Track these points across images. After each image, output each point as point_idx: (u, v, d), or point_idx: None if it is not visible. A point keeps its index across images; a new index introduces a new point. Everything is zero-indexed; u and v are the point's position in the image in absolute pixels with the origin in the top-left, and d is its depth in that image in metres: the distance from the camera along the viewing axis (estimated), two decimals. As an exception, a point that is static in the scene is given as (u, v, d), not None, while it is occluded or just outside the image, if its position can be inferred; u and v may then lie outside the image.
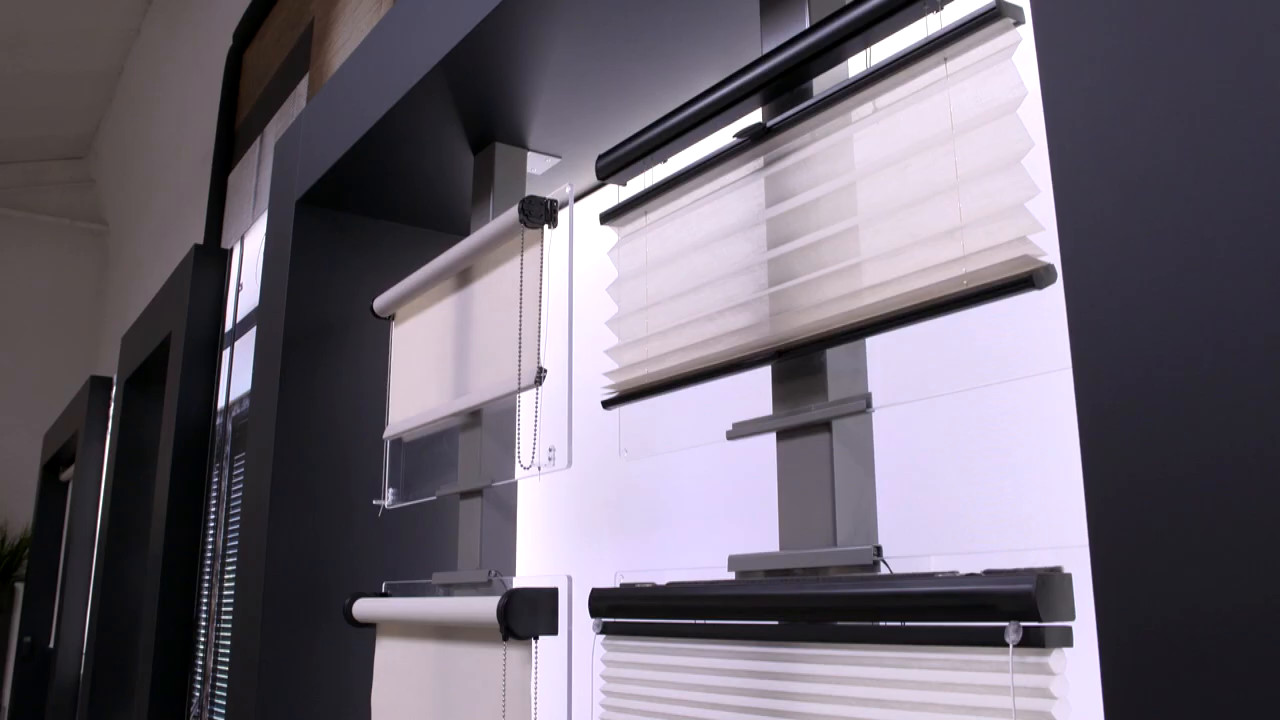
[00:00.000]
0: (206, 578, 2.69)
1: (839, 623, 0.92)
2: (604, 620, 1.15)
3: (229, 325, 2.92)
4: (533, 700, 1.25)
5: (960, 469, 1.10)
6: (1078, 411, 0.71)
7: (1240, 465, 0.62)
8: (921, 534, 1.09)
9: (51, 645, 4.93)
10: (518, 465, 1.40)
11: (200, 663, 2.63)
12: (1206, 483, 0.63)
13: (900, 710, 0.86)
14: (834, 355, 1.04)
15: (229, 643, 2.00)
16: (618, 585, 1.14)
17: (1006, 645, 0.79)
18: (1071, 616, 0.80)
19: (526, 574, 1.44)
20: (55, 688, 4.65)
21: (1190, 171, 0.66)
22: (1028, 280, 0.85)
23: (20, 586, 7.15)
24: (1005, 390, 1.07)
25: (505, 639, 1.25)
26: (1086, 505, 0.69)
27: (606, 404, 1.23)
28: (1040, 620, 0.78)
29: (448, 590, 1.53)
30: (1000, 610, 0.79)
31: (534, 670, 1.26)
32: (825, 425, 1.01)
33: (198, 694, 2.61)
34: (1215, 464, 0.63)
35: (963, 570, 0.85)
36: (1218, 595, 0.62)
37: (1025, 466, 1.04)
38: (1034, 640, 0.78)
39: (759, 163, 1.13)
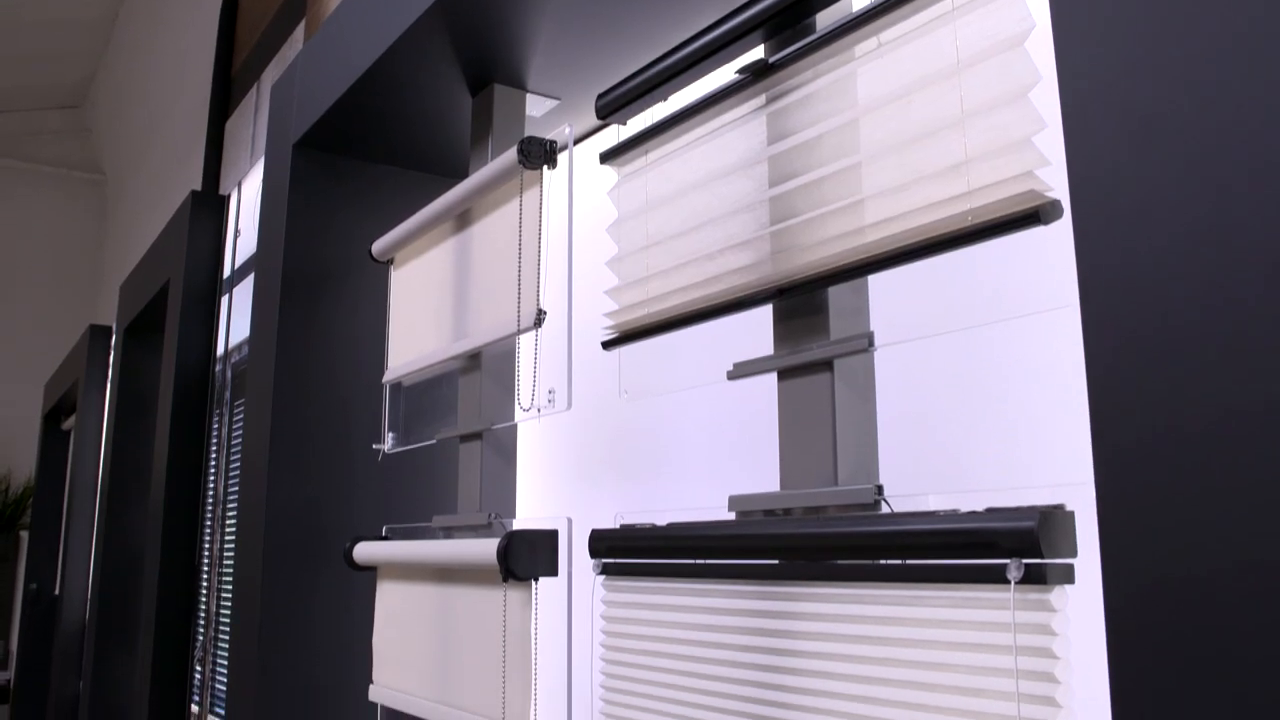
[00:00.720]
0: (208, 523, 2.70)
1: (839, 561, 0.92)
2: (604, 561, 1.15)
3: (227, 272, 2.90)
4: (533, 641, 1.25)
5: (963, 409, 1.10)
6: (1085, 350, 0.70)
7: (1253, 406, 0.61)
8: (923, 474, 1.09)
9: (57, 592, 4.97)
10: (517, 408, 1.40)
11: (203, 607, 2.65)
12: (1217, 425, 0.63)
13: (900, 648, 0.86)
14: (836, 294, 1.03)
15: (231, 587, 2.01)
16: (617, 526, 1.14)
17: (1008, 582, 0.79)
18: (1073, 553, 0.80)
19: (527, 516, 1.44)
20: (61, 633, 4.69)
21: (1205, 104, 0.65)
22: (1034, 216, 0.83)
23: (25, 535, 7.20)
24: (1009, 330, 1.07)
25: (505, 580, 1.25)
26: (1093, 446, 0.69)
27: (606, 345, 1.22)
28: (1042, 557, 0.77)
29: (448, 533, 1.53)
30: (1002, 547, 0.79)
31: (534, 611, 1.26)
32: (827, 364, 1.00)
33: (201, 637, 2.63)
34: (1227, 406, 0.62)
35: (964, 509, 0.85)
36: (1226, 541, 0.61)
37: (1028, 407, 1.04)
38: (1035, 577, 0.78)
39: (760, 100, 1.11)
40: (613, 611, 1.14)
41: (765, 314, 1.10)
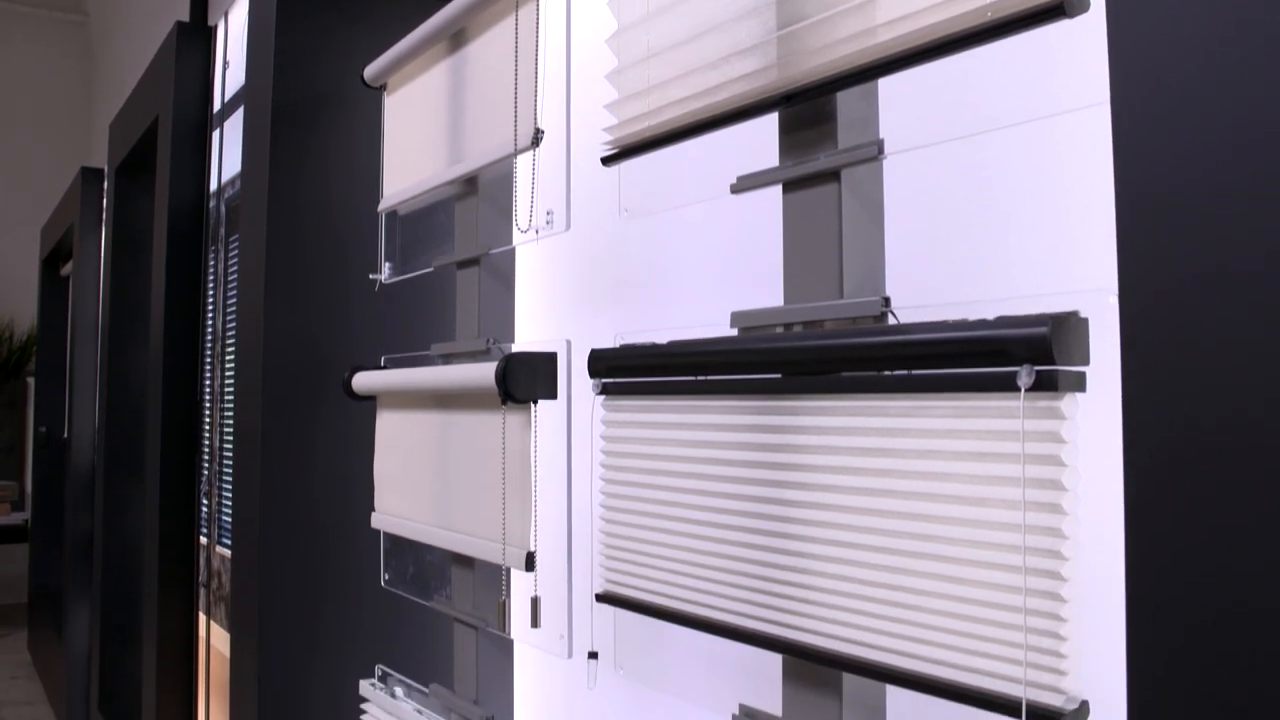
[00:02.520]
0: (208, 360, 2.70)
1: (843, 374, 0.90)
2: (603, 381, 1.13)
3: (217, 105, 2.82)
4: (532, 464, 1.25)
5: (976, 223, 1.06)
6: (1115, 151, 0.66)
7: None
8: (934, 289, 1.06)
9: (65, 435, 5.03)
10: (515, 230, 1.36)
11: (207, 442, 2.66)
12: (1248, 223, 0.59)
13: (905, 459, 0.84)
14: (845, 102, 0.98)
15: (232, 422, 2.01)
16: (617, 346, 1.12)
17: (1017, 390, 0.77)
18: (1086, 361, 0.77)
19: (526, 341, 1.42)
20: (72, 474, 4.76)
21: None
22: (1058, 8, 0.78)
23: (31, 381, 7.26)
24: (1025, 141, 1.02)
25: (504, 403, 1.24)
26: (1118, 249, 0.65)
27: (606, 160, 1.18)
28: (1054, 364, 0.75)
29: (446, 360, 1.51)
30: (1012, 354, 0.77)
31: (533, 434, 1.25)
32: (834, 175, 0.96)
33: (206, 472, 2.66)
34: (1263, 202, 0.59)
35: (975, 320, 0.82)
36: (1254, 351, 0.59)
37: (1044, 220, 1.00)
38: (1046, 384, 0.76)
39: (770, -108, 1.04)
40: (612, 431, 1.13)
41: (771, 133, 1.05)
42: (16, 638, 6.61)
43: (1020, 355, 0.76)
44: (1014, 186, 1.04)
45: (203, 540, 2.67)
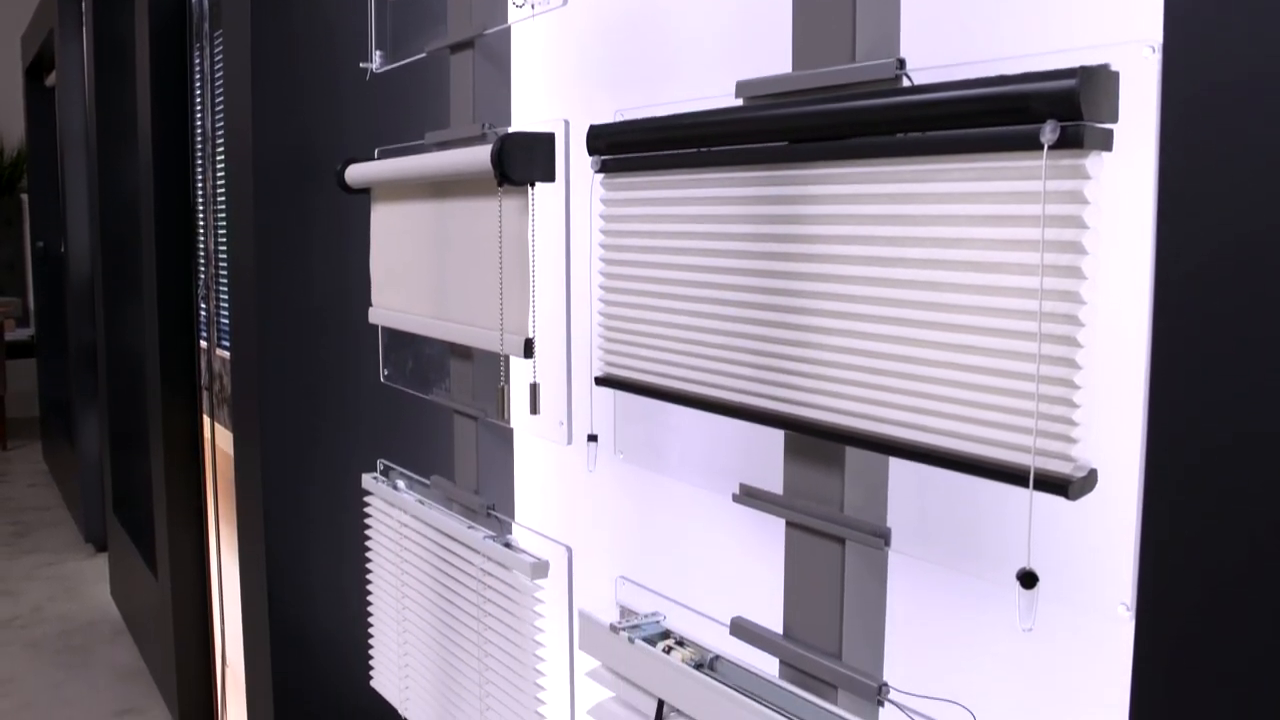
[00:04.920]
0: (199, 162, 2.63)
1: (853, 139, 0.85)
2: (602, 158, 1.08)
3: (193, -109, 2.66)
4: (530, 249, 1.21)
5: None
6: None
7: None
8: (952, 47, 0.99)
9: (63, 249, 4.99)
10: (510, 7, 1.29)
11: (202, 245, 2.63)
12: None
13: (917, 225, 0.81)
14: None
15: (226, 223, 1.97)
16: (617, 121, 1.06)
17: (1040, 148, 0.72)
18: (1114, 118, 0.73)
19: (523, 124, 1.36)
20: (72, 287, 4.75)
21: None
22: None
23: (26, 197, 7.17)
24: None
25: (500, 186, 1.19)
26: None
27: (604, -79, 1.10)
28: (1081, 119, 0.70)
29: (441, 147, 1.46)
30: (1036, 110, 0.72)
31: (531, 219, 1.21)
32: (851, -75, 0.89)
33: (202, 275, 2.63)
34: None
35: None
36: None
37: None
38: (1071, 140, 0.71)
39: None
40: (612, 210, 1.09)
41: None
42: (32, 448, 6.75)
43: (1044, 110, 0.72)
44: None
45: (203, 344, 2.67)
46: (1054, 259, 0.73)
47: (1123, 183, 0.77)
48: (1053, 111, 0.71)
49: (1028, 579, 0.74)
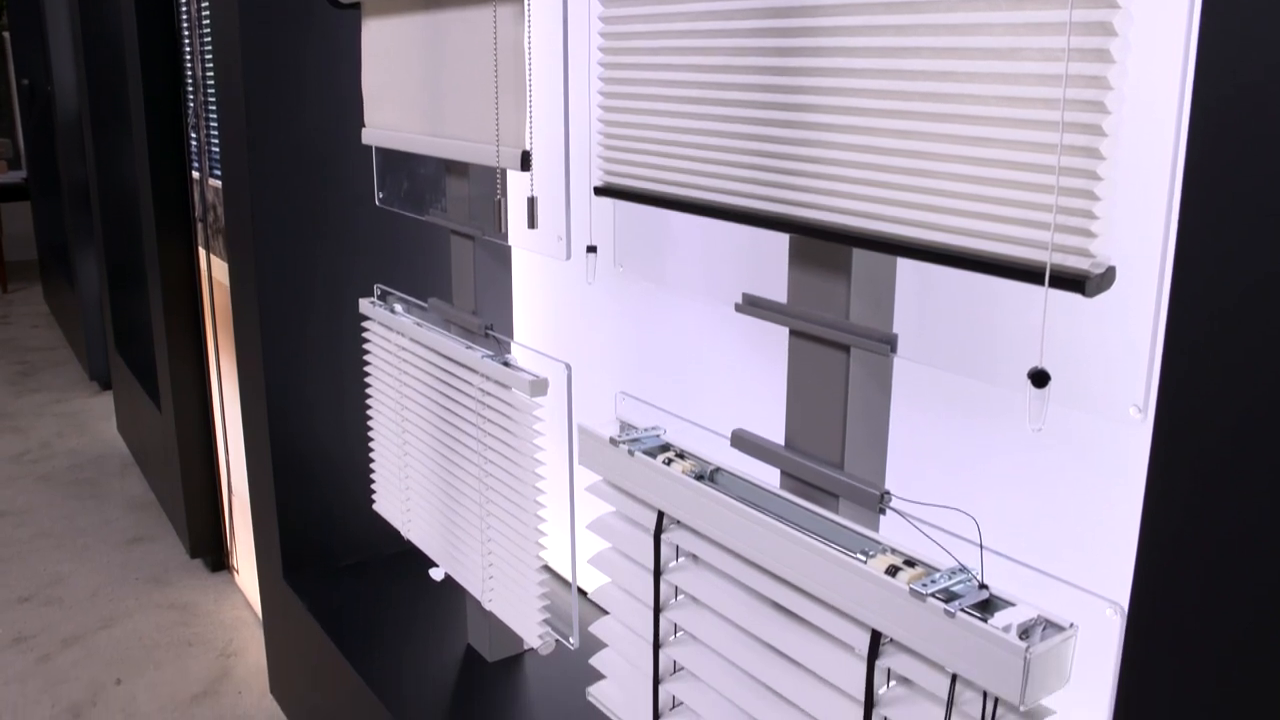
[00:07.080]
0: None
1: (871, -81, 0.79)
2: (601, -47, 1.02)
3: None
4: (526, 58, 1.16)
5: None
6: None
7: None
8: None
9: (49, 87, 4.85)
10: None
11: (189, 73, 2.54)
12: None
13: (932, 12, 0.76)
14: None
15: (212, 49, 1.89)
16: (616, -89, 1.00)
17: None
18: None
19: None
20: (61, 126, 4.65)
21: None
22: None
23: (8, 35, 6.96)
24: None
25: (493, -13, 1.13)
26: None
27: None
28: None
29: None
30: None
31: (527, 25, 1.15)
32: None
33: (192, 104, 2.56)
34: None
35: None
36: None
37: None
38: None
39: None
40: (612, 10, 1.03)
41: None
42: (33, 290, 6.74)
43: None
44: None
45: (195, 175, 2.61)
46: (1080, 43, 0.68)
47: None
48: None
49: (1039, 378, 0.73)
